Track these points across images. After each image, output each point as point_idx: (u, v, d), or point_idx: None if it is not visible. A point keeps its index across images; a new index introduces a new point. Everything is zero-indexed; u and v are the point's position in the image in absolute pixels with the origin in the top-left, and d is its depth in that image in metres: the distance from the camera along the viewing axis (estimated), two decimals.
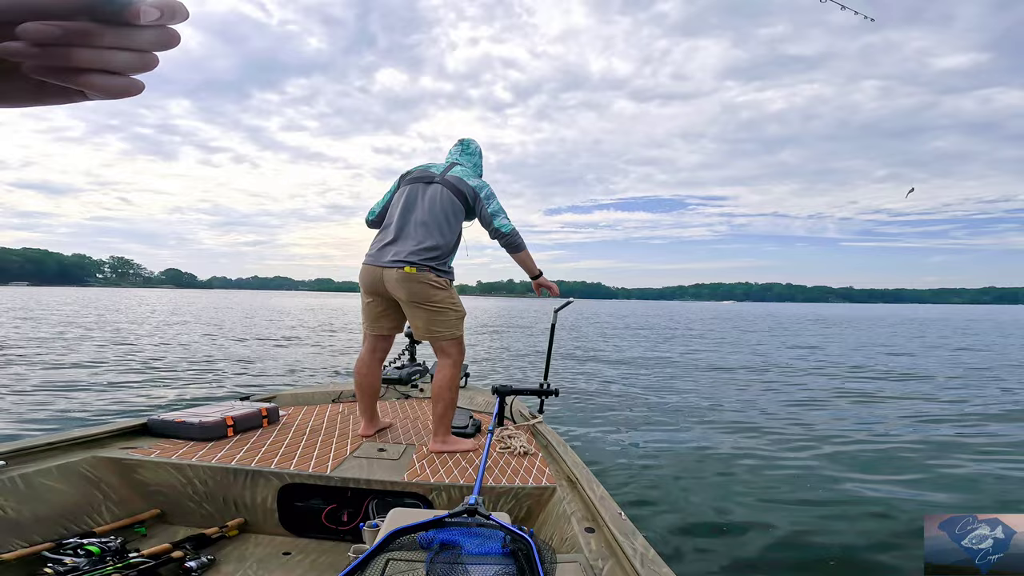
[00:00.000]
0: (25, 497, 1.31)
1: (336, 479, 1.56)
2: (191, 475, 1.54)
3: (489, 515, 1.04)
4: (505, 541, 0.97)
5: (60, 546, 1.19)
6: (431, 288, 1.98)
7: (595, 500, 1.37)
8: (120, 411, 4.26)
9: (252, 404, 2.15)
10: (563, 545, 1.29)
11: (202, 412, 1.92)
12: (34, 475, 1.36)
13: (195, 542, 1.33)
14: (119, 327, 13.16)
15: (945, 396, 6.05)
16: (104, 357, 7.42)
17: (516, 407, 2.57)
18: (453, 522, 1.02)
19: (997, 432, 4.36)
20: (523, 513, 1.54)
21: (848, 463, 3.49)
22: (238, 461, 1.59)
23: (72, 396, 4.73)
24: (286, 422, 2.16)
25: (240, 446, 1.75)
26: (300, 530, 1.57)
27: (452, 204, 2.07)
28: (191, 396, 5.00)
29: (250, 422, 1.98)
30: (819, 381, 7.17)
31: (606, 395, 6.01)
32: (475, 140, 2.33)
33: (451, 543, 0.97)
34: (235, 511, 1.55)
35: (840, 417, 4.98)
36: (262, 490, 1.54)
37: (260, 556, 1.42)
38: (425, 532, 0.98)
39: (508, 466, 1.74)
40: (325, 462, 1.67)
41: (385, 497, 1.57)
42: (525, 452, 1.90)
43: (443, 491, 1.54)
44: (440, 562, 0.91)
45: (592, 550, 1.17)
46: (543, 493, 1.56)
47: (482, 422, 2.30)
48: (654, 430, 4.47)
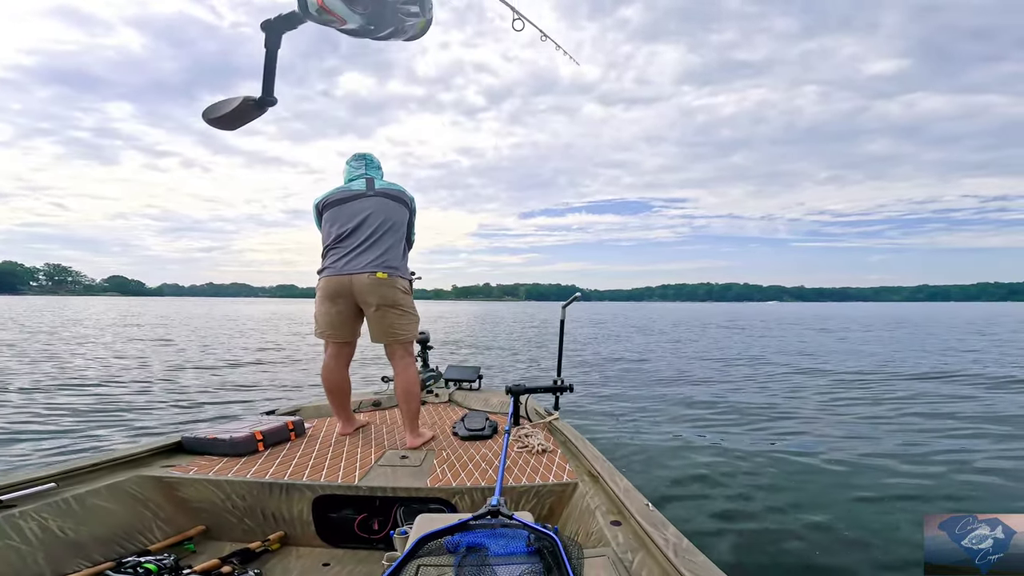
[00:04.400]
0: (81, 518, 1.38)
1: (364, 488, 1.61)
2: (229, 491, 1.61)
3: (512, 515, 1.06)
4: (530, 540, 0.99)
5: (120, 565, 1.28)
6: (399, 292, 2.17)
7: (619, 493, 1.36)
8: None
9: (278, 418, 2.22)
10: (589, 540, 1.29)
11: (231, 428, 1.99)
12: (86, 495, 1.42)
13: (241, 556, 1.41)
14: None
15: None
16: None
17: (531, 405, 2.61)
18: (477, 524, 1.05)
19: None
20: (546, 511, 1.56)
21: (885, 459, 3.44)
22: (271, 475, 1.65)
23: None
24: (312, 434, 2.23)
25: (271, 460, 1.81)
26: (336, 540, 1.62)
27: (399, 212, 2.24)
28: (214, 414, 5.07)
29: (278, 436, 2.04)
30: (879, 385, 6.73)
31: (623, 391, 6.01)
32: (371, 153, 2.40)
33: (477, 545, 0.99)
34: (274, 524, 1.61)
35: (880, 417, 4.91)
36: (297, 503, 1.61)
37: (302, 568, 1.48)
38: (451, 536, 1.01)
39: (527, 465, 1.77)
40: (353, 472, 1.73)
41: (411, 504, 1.61)
42: (544, 450, 1.92)
43: (465, 494, 1.58)
44: (468, 565, 0.94)
45: (620, 543, 1.16)
46: (565, 489, 1.57)
47: (498, 423, 2.34)
48: (679, 424, 4.48)
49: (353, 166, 2.35)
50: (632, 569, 1.07)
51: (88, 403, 5.17)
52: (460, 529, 1.03)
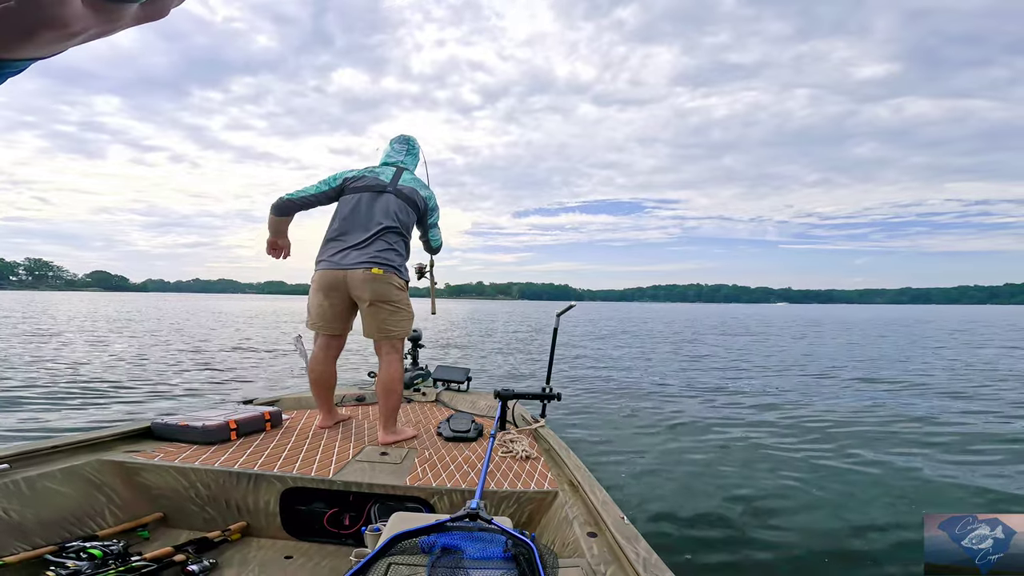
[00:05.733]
0: (28, 500, 1.31)
1: (339, 483, 1.55)
2: (194, 478, 1.54)
3: (491, 519, 1.03)
4: (507, 545, 0.96)
5: (63, 549, 1.20)
6: (394, 289, 2.14)
7: (597, 504, 1.36)
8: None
9: (255, 408, 2.15)
10: (565, 550, 1.28)
11: (205, 415, 1.93)
12: (38, 478, 1.36)
13: (197, 545, 1.33)
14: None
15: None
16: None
17: (518, 411, 2.57)
18: (455, 526, 1.02)
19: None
20: (525, 517, 1.54)
21: (853, 465, 3.46)
22: (241, 464, 1.59)
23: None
24: (289, 426, 2.16)
25: (243, 449, 1.75)
26: (302, 534, 1.56)
27: (407, 214, 2.21)
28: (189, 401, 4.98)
29: (253, 425, 1.98)
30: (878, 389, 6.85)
31: (609, 400, 5.98)
32: (414, 137, 2.33)
33: (453, 547, 0.96)
34: (238, 515, 1.55)
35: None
36: (264, 494, 1.54)
37: (262, 560, 1.42)
38: (427, 536, 0.97)
39: (510, 470, 1.74)
40: (328, 466, 1.67)
41: (387, 501, 1.56)
42: (527, 456, 1.89)
43: (445, 495, 1.54)
44: (441, 566, 0.91)
45: (594, 555, 1.16)
46: (545, 497, 1.55)
47: (484, 426, 2.29)
48: (658, 435, 4.45)
49: (394, 149, 2.31)
50: None
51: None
52: (437, 530, 1.00)
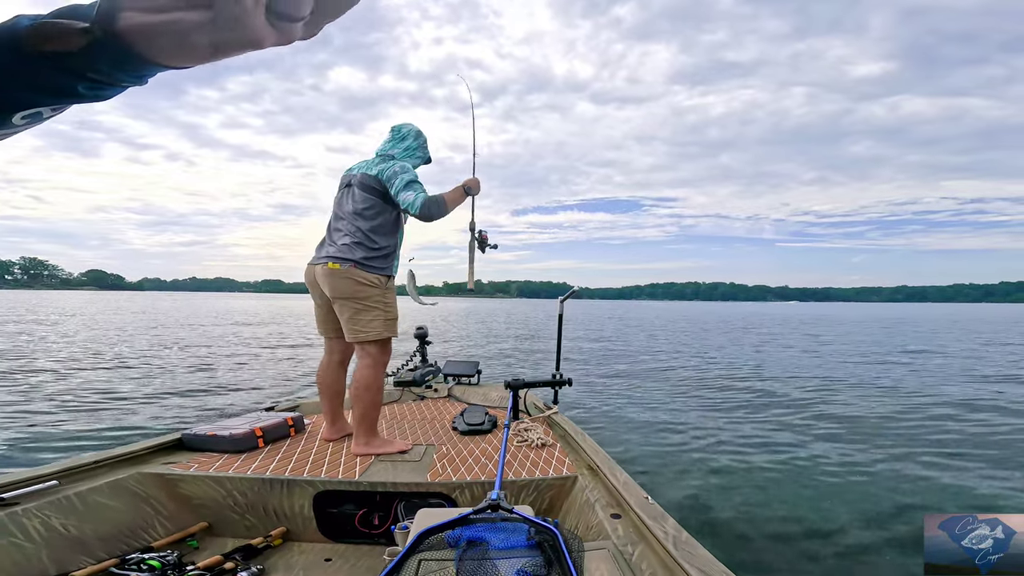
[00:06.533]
0: (83, 516, 1.38)
1: (365, 484, 1.62)
2: (230, 487, 1.61)
3: (512, 509, 1.06)
4: (530, 533, 0.99)
5: (124, 562, 1.29)
6: (356, 284, 1.95)
7: (619, 486, 1.37)
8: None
9: (278, 414, 2.21)
10: (589, 533, 1.30)
11: (231, 424, 1.99)
12: (88, 493, 1.42)
13: (244, 553, 1.41)
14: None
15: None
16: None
17: (530, 400, 2.62)
18: (478, 519, 1.05)
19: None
20: (546, 504, 1.57)
21: (879, 458, 3.48)
22: (272, 471, 1.66)
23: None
24: (311, 430, 2.23)
25: (272, 456, 1.81)
26: (337, 536, 1.63)
27: (364, 200, 2.02)
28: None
29: (278, 432, 2.04)
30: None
31: (622, 386, 6.03)
32: (409, 124, 2.17)
33: (478, 539, 1.00)
34: (276, 520, 1.62)
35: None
36: (299, 498, 1.61)
37: (305, 564, 1.49)
38: (452, 530, 1.01)
39: (527, 459, 1.78)
40: (353, 468, 1.73)
41: (411, 499, 1.62)
42: (543, 444, 1.93)
43: (465, 488, 1.59)
44: (469, 559, 0.94)
45: (620, 536, 1.17)
46: (565, 483, 1.58)
47: (497, 417, 2.34)
48: (678, 417, 4.50)
49: (385, 140, 2.19)
50: (632, 562, 1.08)
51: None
52: (461, 523, 1.04)
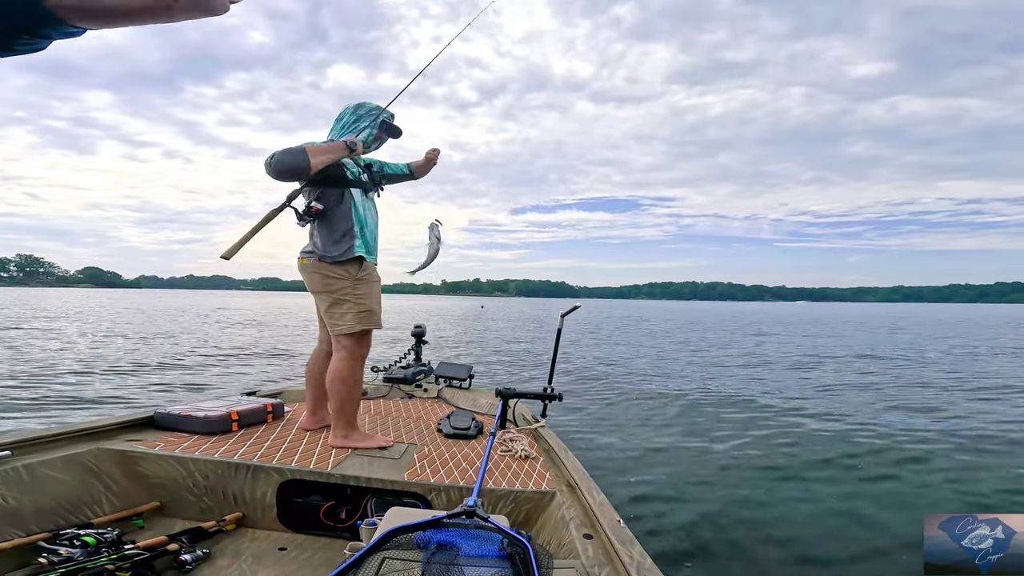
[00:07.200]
0: (27, 487, 1.32)
1: (336, 476, 1.55)
2: (192, 468, 1.54)
3: (488, 518, 1.03)
4: (503, 544, 0.96)
5: (57, 536, 1.19)
6: (324, 278, 1.89)
7: (594, 507, 1.36)
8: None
9: (258, 399, 2.15)
10: (560, 550, 1.28)
11: (207, 406, 1.93)
12: (38, 466, 1.37)
13: (192, 535, 1.32)
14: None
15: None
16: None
17: (519, 410, 2.55)
18: (451, 523, 1.02)
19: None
20: (522, 517, 1.53)
21: (849, 472, 3.45)
22: (240, 456, 1.59)
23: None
24: (291, 418, 2.16)
25: (243, 441, 1.75)
26: (297, 526, 1.56)
27: (308, 192, 1.91)
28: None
29: (255, 417, 1.98)
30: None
31: (611, 402, 5.95)
32: (359, 103, 2.00)
33: (448, 544, 0.96)
34: (234, 505, 1.54)
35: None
36: (262, 485, 1.54)
37: (256, 551, 1.42)
38: (423, 532, 0.97)
39: (509, 469, 1.73)
40: (327, 459, 1.66)
41: (384, 496, 1.56)
42: (526, 456, 1.87)
43: (443, 492, 1.53)
44: (436, 563, 0.90)
45: (589, 556, 1.16)
46: (543, 498, 1.54)
47: (484, 424, 2.28)
48: (659, 438, 4.42)
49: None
50: None
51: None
52: (433, 526, 1.00)
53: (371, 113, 1.98)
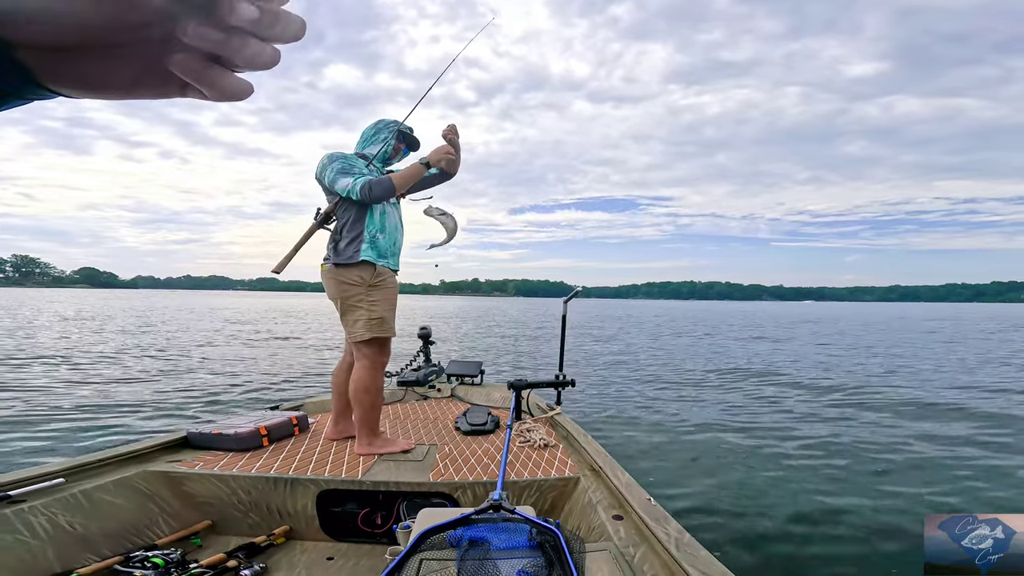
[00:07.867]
0: (89, 513, 1.39)
1: (368, 483, 1.62)
2: (234, 486, 1.62)
3: (514, 509, 1.07)
4: (532, 534, 1.00)
5: (128, 559, 1.30)
6: (339, 284, 1.95)
7: (621, 487, 1.36)
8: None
9: (283, 413, 2.22)
10: (591, 534, 1.29)
11: (236, 423, 2.00)
12: (93, 491, 1.43)
13: (247, 551, 1.42)
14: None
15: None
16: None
17: (533, 400, 2.61)
18: (479, 519, 1.05)
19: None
20: (548, 505, 1.57)
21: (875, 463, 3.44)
22: (276, 470, 1.66)
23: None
24: (315, 429, 2.24)
25: (276, 455, 1.82)
26: (339, 535, 1.64)
27: (329, 201, 2.01)
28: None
29: (282, 431, 2.05)
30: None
31: (626, 386, 6.01)
32: (378, 120, 2.13)
33: (480, 539, 1.00)
34: (279, 519, 1.63)
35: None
36: (302, 497, 1.62)
37: (307, 562, 1.50)
38: (454, 531, 1.01)
39: (529, 459, 1.78)
40: (356, 467, 1.74)
41: (414, 498, 1.63)
42: (545, 444, 1.93)
43: (467, 489, 1.59)
44: (470, 559, 0.94)
45: (622, 537, 1.16)
46: (567, 484, 1.58)
47: (500, 418, 2.34)
48: (683, 418, 4.47)
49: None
50: (634, 563, 1.08)
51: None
52: (462, 523, 1.04)
53: (388, 127, 2.11)
